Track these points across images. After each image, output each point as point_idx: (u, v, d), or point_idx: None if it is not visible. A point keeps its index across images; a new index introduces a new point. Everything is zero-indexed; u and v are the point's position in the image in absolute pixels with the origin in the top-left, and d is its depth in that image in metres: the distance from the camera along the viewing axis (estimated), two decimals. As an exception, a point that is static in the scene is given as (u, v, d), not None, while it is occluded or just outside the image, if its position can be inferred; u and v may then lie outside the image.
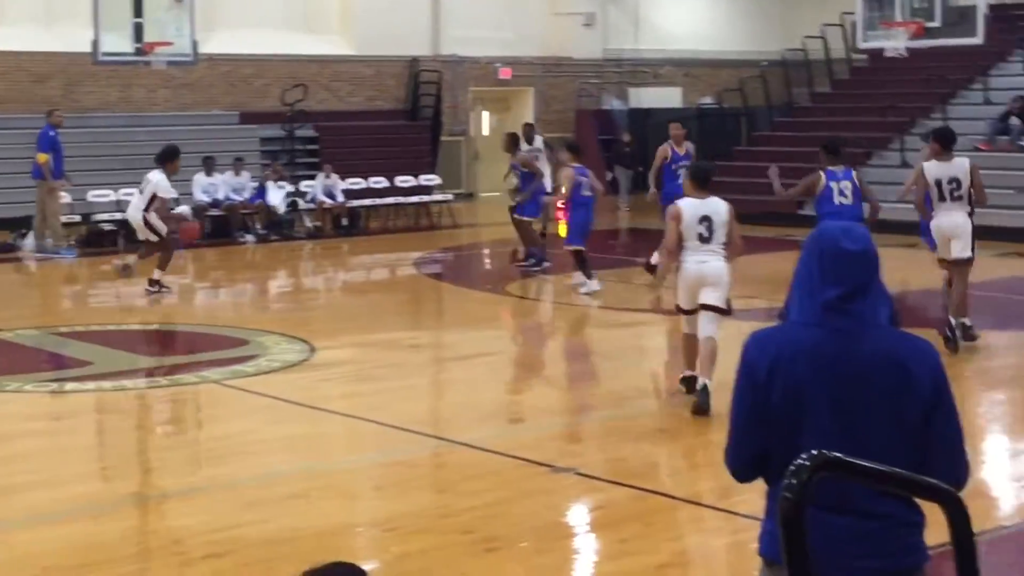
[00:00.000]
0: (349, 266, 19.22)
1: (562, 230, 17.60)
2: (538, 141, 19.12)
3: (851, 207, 12.22)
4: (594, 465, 8.10)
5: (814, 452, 2.60)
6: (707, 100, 29.09)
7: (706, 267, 9.30)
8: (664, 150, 16.03)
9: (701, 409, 9.10)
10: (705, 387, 9.20)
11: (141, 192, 15.49)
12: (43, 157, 18.80)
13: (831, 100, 25.70)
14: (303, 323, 13.54)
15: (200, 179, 20.81)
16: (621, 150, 25.73)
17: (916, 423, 3.35)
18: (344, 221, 22.31)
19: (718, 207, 9.38)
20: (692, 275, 9.36)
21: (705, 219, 9.29)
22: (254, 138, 23.69)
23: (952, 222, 11.47)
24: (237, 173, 21.17)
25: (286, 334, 12.47)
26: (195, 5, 20.41)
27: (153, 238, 15.27)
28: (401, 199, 23.43)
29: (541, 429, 9.11)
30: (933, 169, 11.45)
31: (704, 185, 9.46)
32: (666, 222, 9.64)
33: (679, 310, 9.70)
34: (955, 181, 11.37)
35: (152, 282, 15.14)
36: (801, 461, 2.55)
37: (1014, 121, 21.40)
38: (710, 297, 9.33)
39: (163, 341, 13.01)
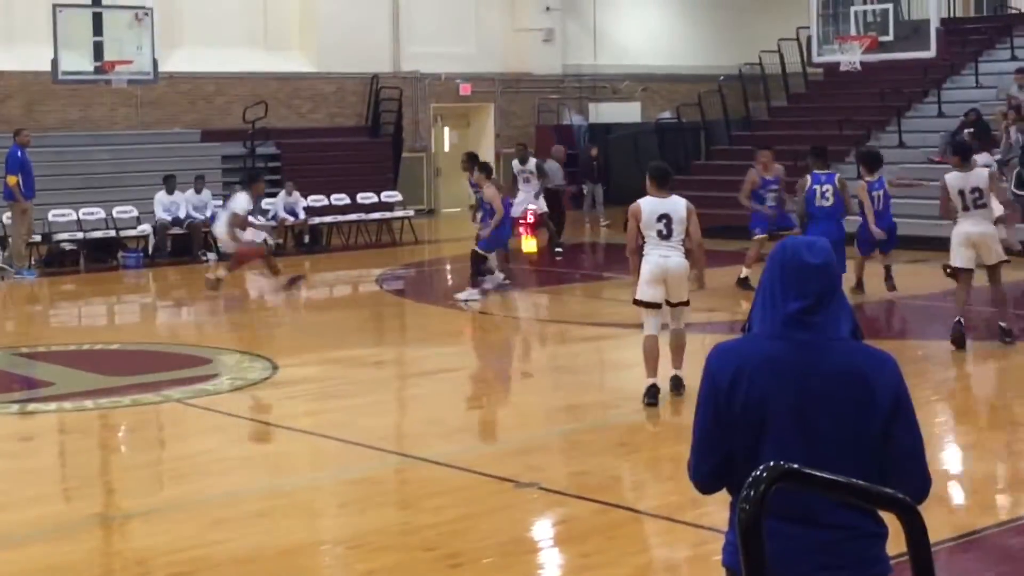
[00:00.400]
0: (311, 283, 19.18)
1: (530, 246, 17.85)
2: (531, 163, 19.17)
3: (831, 208, 12.80)
4: (557, 480, 8.13)
5: (771, 464, 2.63)
6: (666, 115, 29.25)
7: (669, 261, 9.71)
8: (753, 175, 15.97)
9: (676, 388, 9.93)
10: (678, 377, 9.81)
11: (225, 209, 16.71)
12: (12, 179, 18.62)
13: (788, 114, 25.91)
14: (266, 341, 13.54)
15: (161, 197, 20.74)
16: (589, 164, 25.81)
17: (876, 435, 3.39)
18: (306, 238, 22.29)
19: (677, 205, 9.76)
20: (656, 268, 9.71)
21: (663, 217, 9.68)
22: (215, 156, 23.65)
23: (979, 230, 11.92)
24: (198, 191, 21.12)
25: (249, 352, 12.47)
26: (155, 23, 20.40)
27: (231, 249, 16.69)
28: (363, 216, 23.43)
29: (504, 444, 9.15)
30: (955, 181, 11.86)
31: (664, 184, 9.78)
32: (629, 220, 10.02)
33: (639, 303, 9.94)
34: (977, 191, 11.79)
35: (290, 281, 16.87)
36: (758, 473, 2.59)
37: (968, 132, 21.62)
38: (675, 295, 9.84)
39: (125, 361, 12.95)
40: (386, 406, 10.88)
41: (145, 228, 20.56)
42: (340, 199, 23.47)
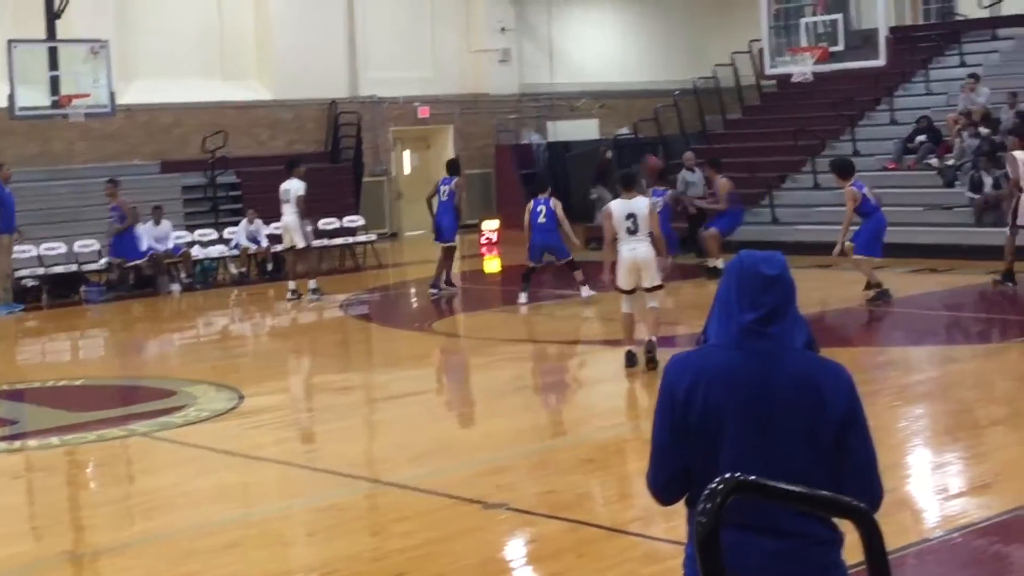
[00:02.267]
0: (275, 311, 19.19)
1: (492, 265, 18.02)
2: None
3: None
4: (525, 499, 8.17)
5: (727, 475, 2.66)
6: (623, 131, 29.41)
7: (637, 253, 11.52)
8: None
9: (651, 360, 11.49)
10: (651, 341, 11.54)
11: (287, 201, 18.20)
12: None
13: (743, 126, 26.10)
14: (231, 371, 13.53)
15: (123, 230, 20.69)
16: (604, 168, 25.00)
17: (830, 444, 3.42)
18: (269, 266, 22.23)
19: (641, 205, 11.64)
20: (627, 260, 11.53)
21: (631, 216, 11.48)
22: (176, 187, 23.62)
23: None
24: (158, 222, 21.09)
25: (214, 382, 12.45)
26: (112, 56, 20.38)
27: (300, 243, 18.04)
28: (325, 241, 23.42)
29: (472, 466, 9.18)
30: (618, 207, 11.82)
31: (630, 187, 11.86)
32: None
33: (618, 290, 11.80)
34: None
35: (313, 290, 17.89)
36: (714, 485, 2.62)
37: (920, 139, 21.88)
38: (647, 281, 11.64)
39: (90, 396, 12.92)
40: (354, 432, 10.90)
41: (107, 261, 20.49)
42: (302, 226, 23.42)
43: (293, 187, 18.26)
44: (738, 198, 19.48)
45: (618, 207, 11.62)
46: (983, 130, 20.55)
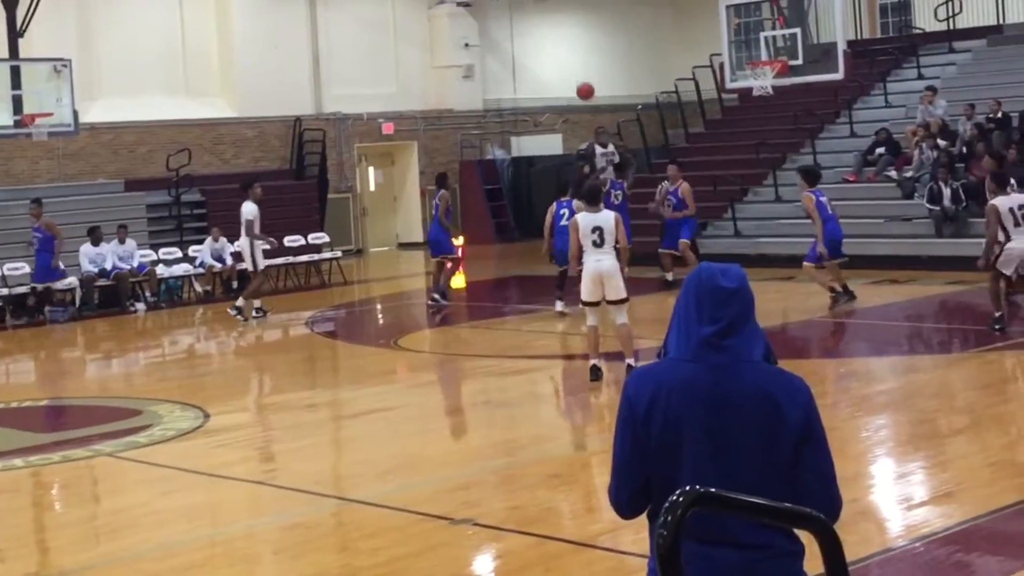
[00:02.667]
0: (241, 329, 19.16)
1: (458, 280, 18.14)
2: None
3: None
4: (492, 515, 8.21)
5: (687, 488, 2.68)
6: (586, 145, 29.53)
7: (602, 265, 11.72)
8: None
9: (599, 377, 11.89)
10: (630, 365, 11.62)
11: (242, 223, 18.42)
12: None
13: (705, 139, 26.25)
14: (197, 389, 13.51)
15: (87, 250, 20.63)
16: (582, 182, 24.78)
17: (788, 457, 3.44)
18: (234, 284, 22.15)
19: (607, 218, 11.84)
20: (592, 272, 11.77)
21: (597, 228, 11.74)
22: (140, 205, 23.54)
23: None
24: (122, 241, 21.03)
25: (180, 401, 12.44)
26: (75, 75, 20.33)
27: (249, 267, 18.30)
28: (291, 259, 23.39)
29: (438, 482, 9.21)
30: (584, 219, 12.04)
31: (595, 202, 12.08)
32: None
33: (584, 303, 12.01)
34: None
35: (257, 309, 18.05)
36: (675, 498, 2.64)
37: (880, 151, 22.08)
38: (612, 293, 11.77)
39: (55, 416, 12.89)
40: (320, 449, 10.91)
41: (71, 281, 20.42)
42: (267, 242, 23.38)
43: (244, 211, 18.39)
44: None
45: (584, 220, 11.86)
46: (941, 142, 20.77)
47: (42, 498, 9.86)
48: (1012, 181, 13.57)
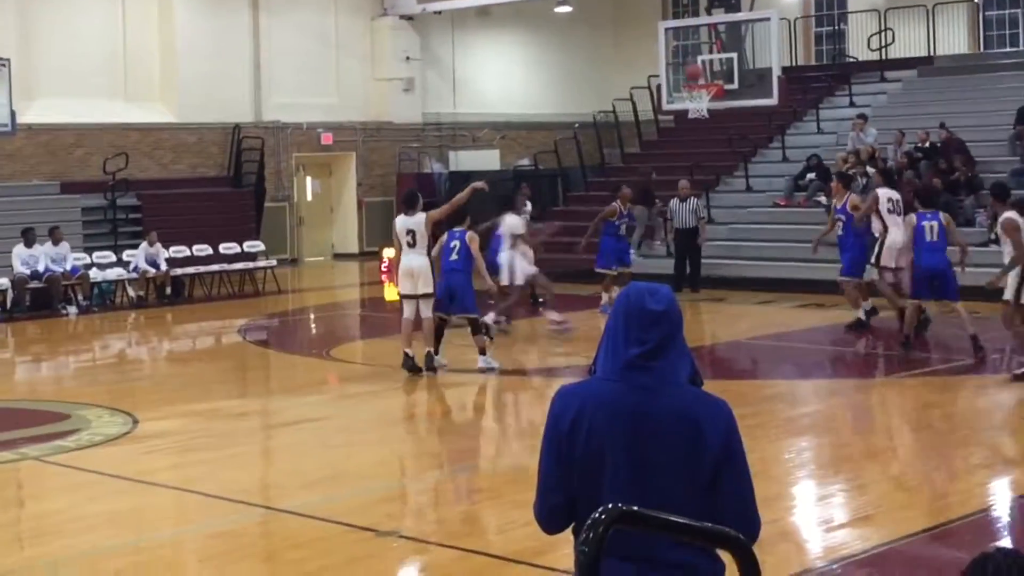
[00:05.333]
0: (173, 335, 19.09)
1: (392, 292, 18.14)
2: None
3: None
4: (418, 527, 8.28)
5: (609, 505, 2.73)
6: (524, 161, 29.75)
7: (412, 262, 13.22)
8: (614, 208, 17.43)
9: (429, 367, 13.45)
10: (430, 353, 13.42)
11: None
12: None
13: (641, 160, 26.48)
14: (126, 395, 13.46)
15: (20, 251, 20.47)
16: (648, 186, 23.13)
17: (708, 477, 3.51)
18: (167, 289, 22.07)
19: (419, 220, 13.23)
20: (404, 269, 13.31)
21: (410, 231, 13.23)
22: (75, 208, 23.40)
23: None
24: (56, 243, 20.89)
25: (108, 407, 12.39)
26: (12, 74, 20.19)
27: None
28: (225, 266, 23.34)
29: (365, 493, 9.27)
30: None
31: (412, 206, 13.36)
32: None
33: (400, 296, 13.65)
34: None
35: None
36: (597, 515, 2.69)
37: (810, 176, 22.41)
38: (421, 288, 13.27)
39: (-18, 419, 12.79)
40: (248, 458, 10.93)
41: (3, 282, 20.26)
42: (202, 249, 23.37)
43: (509, 224, 16.60)
44: None
45: (400, 222, 13.43)
46: (871, 169, 21.11)
47: (-34, 501, 9.79)
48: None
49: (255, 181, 26.95)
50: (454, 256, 13.70)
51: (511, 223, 16.41)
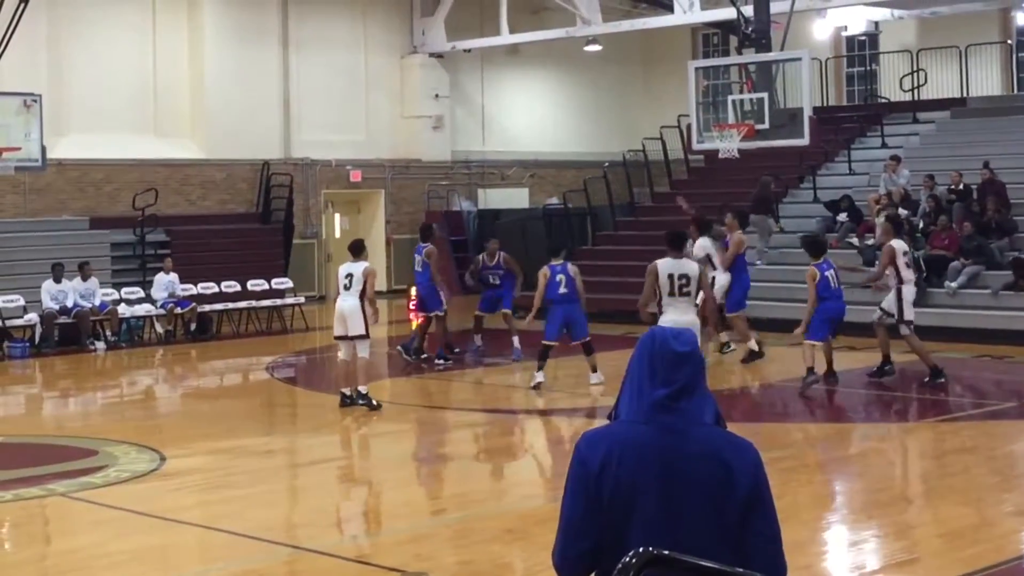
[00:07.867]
0: (200, 372, 19.08)
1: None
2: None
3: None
4: (445, 568, 8.20)
5: (640, 549, 2.73)
6: (553, 200, 29.73)
7: (344, 305, 14.00)
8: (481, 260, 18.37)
9: (353, 403, 14.03)
10: (359, 391, 14.08)
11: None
12: None
13: (671, 199, 26.43)
14: (153, 431, 13.46)
15: (48, 286, 20.54)
16: (768, 195, 23.10)
17: (735, 519, 3.48)
18: (192, 325, 22.01)
19: (357, 268, 14.04)
20: (337, 312, 14.10)
21: (349, 275, 14.02)
22: (105, 243, 23.53)
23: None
24: (84, 279, 20.96)
25: (136, 443, 12.38)
26: (44, 110, 20.31)
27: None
28: (253, 303, 23.36)
29: (392, 533, 9.21)
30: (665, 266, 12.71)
31: (357, 254, 14.23)
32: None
33: (336, 338, 14.37)
34: (684, 277, 12.74)
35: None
36: (628, 559, 2.68)
37: (842, 217, 22.30)
38: (353, 330, 13.97)
39: (9, 454, 12.77)
40: (275, 496, 10.88)
41: (32, 317, 20.32)
42: (230, 286, 23.40)
43: (701, 246, 16.84)
44: None
45: (342, 269, 14.22)
46: (903, 211, 21.02)
47: (-8, 537, 9.76)
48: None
49: (284, 218, 27.05)
50: (563, 289, 14.92)
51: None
